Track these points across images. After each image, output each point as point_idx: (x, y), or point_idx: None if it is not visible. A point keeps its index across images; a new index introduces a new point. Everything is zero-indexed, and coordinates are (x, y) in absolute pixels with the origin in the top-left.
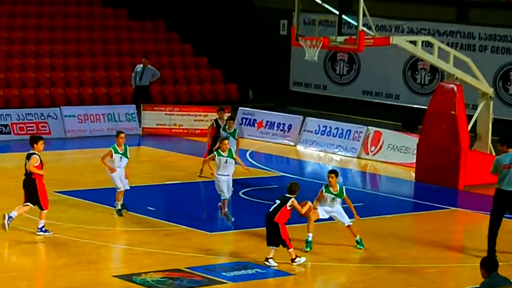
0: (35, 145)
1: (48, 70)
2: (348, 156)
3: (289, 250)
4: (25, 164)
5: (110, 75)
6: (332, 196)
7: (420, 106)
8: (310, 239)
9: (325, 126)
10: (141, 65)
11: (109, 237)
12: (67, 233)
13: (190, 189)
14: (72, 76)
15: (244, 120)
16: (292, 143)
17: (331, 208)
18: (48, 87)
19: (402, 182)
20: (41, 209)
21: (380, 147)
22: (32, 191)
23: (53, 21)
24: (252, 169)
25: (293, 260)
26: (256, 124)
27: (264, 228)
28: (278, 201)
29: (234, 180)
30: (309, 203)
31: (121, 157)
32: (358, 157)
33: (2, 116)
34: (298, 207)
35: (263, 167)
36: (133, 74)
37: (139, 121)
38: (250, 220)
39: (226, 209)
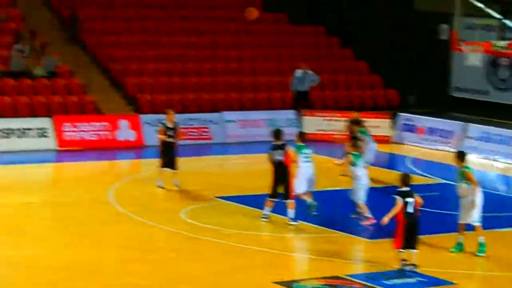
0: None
1: (209, 75)
2: (510, 163)
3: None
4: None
5: (270, 80)
6: None
7: None
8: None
9: (487, 133)
10: (301, 70)
11: (270, 243)
12: (228, 239)
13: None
14: (232, 81)
15: (404, 127)
16: (452, 150)
17: None
18: (209, 92)
19: None
20: (287, 198)
21: None
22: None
23: (214, 26)
24: (413, 176)
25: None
26: (416, 130)
27: (425, 235)
28: (412, 199)
29: (392, 187)
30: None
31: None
32: None
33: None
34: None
35: (423, 174)
36: (293, 79)
37: (299, 127)
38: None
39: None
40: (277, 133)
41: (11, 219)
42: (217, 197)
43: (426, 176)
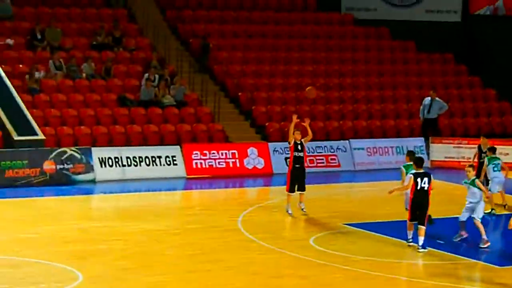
0: None
1: (337, 103)
2: None
3: None
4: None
5: (398, 108)
6: None
7: None
8: None
9: None
10: (429, 98)
11: (396, 269)
12: (356, 266)
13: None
14: (361, 108)
15: None
16: None
17: None
18: (338, 119)
19: None
20: (422, 225)
21: None
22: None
23: (341, 54)
24: None
25: None
26: None
27: None
28: None
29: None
30: None
31: None
32: None
33: (286, 149)
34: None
35: None
36: (421, 106)
37: (428, 154)
38: None
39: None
40: (419, 161)
41: (140, 246)
42: (345, 224)
43: None
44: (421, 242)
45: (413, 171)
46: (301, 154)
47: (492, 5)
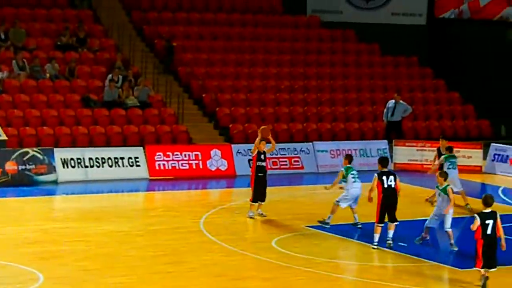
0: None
1: (301, 105)
2: None
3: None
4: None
5: (362, 110)
6: None
7: None
8: None
9: None
10: (393, 101)
11: (361, 272)
12: (319, 268)
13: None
14: (325, 111)
15: (496, 157)
16: None
17: None
18: (302, 122)
19: None
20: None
21: None
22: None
23: (306, 57)
24: (505, 206)
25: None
26: (508, 161)
27: None
28: (491, 221)
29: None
30: None
31: None
32: None
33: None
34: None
35: None
36: (385, 109)
37: (391, 156)
38: (504, 256)
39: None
40: (384, 161)
41: (103, 247)
42: (308, 226)
43: None
44: (390, 235)
45: (378, 171)
46: (263, 164)
47: (457, 8)
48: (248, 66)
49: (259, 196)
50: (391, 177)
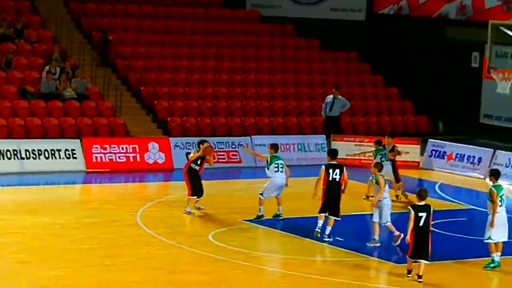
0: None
1: (240, 99)
2: None
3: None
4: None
5: (300, 105)
6: None
7: None
8: None
9: None
10: (332, 96)
11: (297, 266)
12: (256, 262)
13: None
14: (263, 105)
15: (434, 152)
16: (481, 176)
17: None
18: (240, 116)
19: None
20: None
21: None
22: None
23: (246, 50)
24: (441, 202)
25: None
26: (445, 157)
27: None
28: (425, 213)
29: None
30: None
31: None
32: None
33: (193, 144)
34: None
35: (452, 199)
36: (324, 104)
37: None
38: (439, 252)
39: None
40: (333, 153)
41: (38, 239)
42: (245, 220)
43: (454, 202)
44: (328, 231)
45: (326, 163)
46: (197, 168)
47: (396, 4)
48: (186, 59)
49: (196, 191)
50: (337, 170)
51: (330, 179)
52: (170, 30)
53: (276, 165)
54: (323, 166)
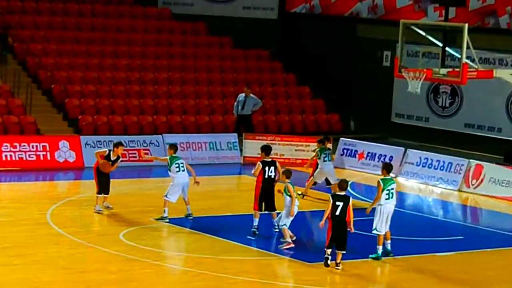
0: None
1: (151, 97)
2: (449, 189)
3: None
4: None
5: (213, 103)
6: None
7: None
8: None
9: (427, 159)
10: (243, 94)
11: (208, 265)
12: (168, 261)
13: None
14: (175, 103)
15: (345, 151)
16: (393, 175)
17: None
18: (151, 114)
19: (503, 216)
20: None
21: (482, 180)
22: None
23: (158, 48)
24: (353, 201)
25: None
26: (357, 155)
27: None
28: (342, 203)
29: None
30: None
31: None
32: (459, 190)
33: (105, 143)
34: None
35: (363, 198)
36: (235, 103)
37: (241, 150)
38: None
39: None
40: (268, 149)
41: None
42: (156, 219)
43: (365, 201)
44: (275, 223)
45: (262, 160)
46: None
47: (308, 3)
48: (98, 57)
49: (102, 188)
50: (272, 168)
51: (266, 176)
52: (81, 27)
53: (177, 165)
54: (259, 163)
